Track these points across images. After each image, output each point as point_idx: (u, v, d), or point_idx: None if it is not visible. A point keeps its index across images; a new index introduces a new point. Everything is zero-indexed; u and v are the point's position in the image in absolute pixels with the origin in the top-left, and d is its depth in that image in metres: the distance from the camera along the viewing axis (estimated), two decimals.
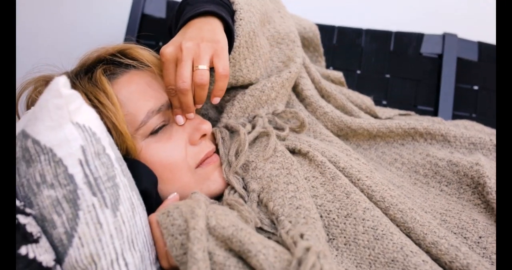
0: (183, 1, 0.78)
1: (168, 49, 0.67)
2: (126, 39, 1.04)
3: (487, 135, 0.89)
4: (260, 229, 0.66)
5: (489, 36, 1.06)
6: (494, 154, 0.85)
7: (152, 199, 0.65)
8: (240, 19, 0.77)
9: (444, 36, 1.05)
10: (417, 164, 0.83)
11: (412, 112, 0.99)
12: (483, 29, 1.10)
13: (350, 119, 0.86)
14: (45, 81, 0.72)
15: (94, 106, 0.65)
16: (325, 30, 1.08)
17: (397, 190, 0.75)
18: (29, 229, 0.52)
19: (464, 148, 0.85)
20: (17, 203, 0.53)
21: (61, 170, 0.55)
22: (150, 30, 1.06)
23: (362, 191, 0.72)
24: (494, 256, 0.68)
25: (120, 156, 0.62)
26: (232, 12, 0.78)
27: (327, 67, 1.08)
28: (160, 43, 1.07)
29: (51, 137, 0.55)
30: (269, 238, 0.64)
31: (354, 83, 1.05)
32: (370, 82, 1.06)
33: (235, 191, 0.72)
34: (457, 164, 0.79)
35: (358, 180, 0.73)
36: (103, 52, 0.73)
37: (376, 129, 0.86)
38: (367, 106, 0.96)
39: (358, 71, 1.07)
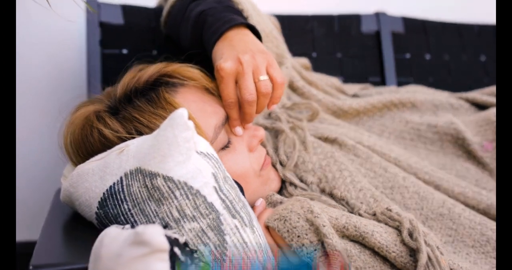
0: (199, 12, 0.77)
1: (228, 64, 0.68)
2: (90, 50, 0.97)
3: (439, 95, 1.08)
4: None
5: (410, 11, 1.26)
6: (452, 111, 1.03)
7: None
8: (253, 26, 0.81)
9: (377, 15, 1.21)
10: (402, 131, 0.96)
11: (368, 85, 1.14)
12: (403, 5, 1.28)
13: (341, 102, 0.96)
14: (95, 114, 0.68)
15: None
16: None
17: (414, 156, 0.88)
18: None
19: (429, 110, 1.02)
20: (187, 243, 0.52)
21: (200, 201, 0.55)
22: (111, 38, 1.01)
23: (390, 163, 0.84)
24: (494, 192, 0.87)
25: None
26: (244, 18, 0.81)
27: None
28: (125, 51, 1.02)
29: (183, 171, 0.55)
30: None
31: (312, 65, 1.15)
32: (325, 63, 1.17)
33: (295, 186, 0.78)
34: (436, 125, 0.95)
35: (384, 155, 0.84)
36: (154, 73, 0.70)
37: (363, 107, 0.97)
38: (337, 86, 1.07)
39: (314, 55, 1.17)
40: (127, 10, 1.03)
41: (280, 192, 0.79)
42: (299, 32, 1.17)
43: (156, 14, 1.04)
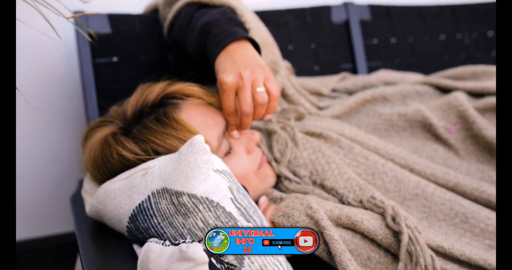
0: (205, 23, 0.84)
1: (230, 78, 0.76)
2: (82, 61, 1.03)
3: (405, 84, 1.18)
4: None
5: None
6: (419, 98, 1.14)
7: None
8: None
9: (345, 5, 1.29)
10: (377, 123, 1.06)
11: (345, 73, 1.23)
12: None
13: (324, 112, 1.04)
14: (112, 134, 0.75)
15: None
16: None
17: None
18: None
19: (399, 101, 1.13)
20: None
21: (220, 211, 0.65)
22: (101, 47, 1.06)
23: (371, 151, 0.95)
24: (459, 170, 0.99)
25: None
26: (246, 30, 0.88)
27: None
28: (115, 59, 1.08)
29: (204, 188, 0.64)
30: None
31: (289, 57, 1.23)
32: (301, 54, 1.26)
33: (290, 180, 0.88)
34: (405, 114, 1.05)
35: (365, 144, 0.95)
36: (159, 94, 0.78)
37: (342, 112, 1.06)
38: (316, 90, 1.14)
39: (290, 47, 1.25)
40: (113, 19, 1.08)
41: (276, 186, 0.90)
42: (275, 26, 1.24)
43: (141, 21, 1.10)
